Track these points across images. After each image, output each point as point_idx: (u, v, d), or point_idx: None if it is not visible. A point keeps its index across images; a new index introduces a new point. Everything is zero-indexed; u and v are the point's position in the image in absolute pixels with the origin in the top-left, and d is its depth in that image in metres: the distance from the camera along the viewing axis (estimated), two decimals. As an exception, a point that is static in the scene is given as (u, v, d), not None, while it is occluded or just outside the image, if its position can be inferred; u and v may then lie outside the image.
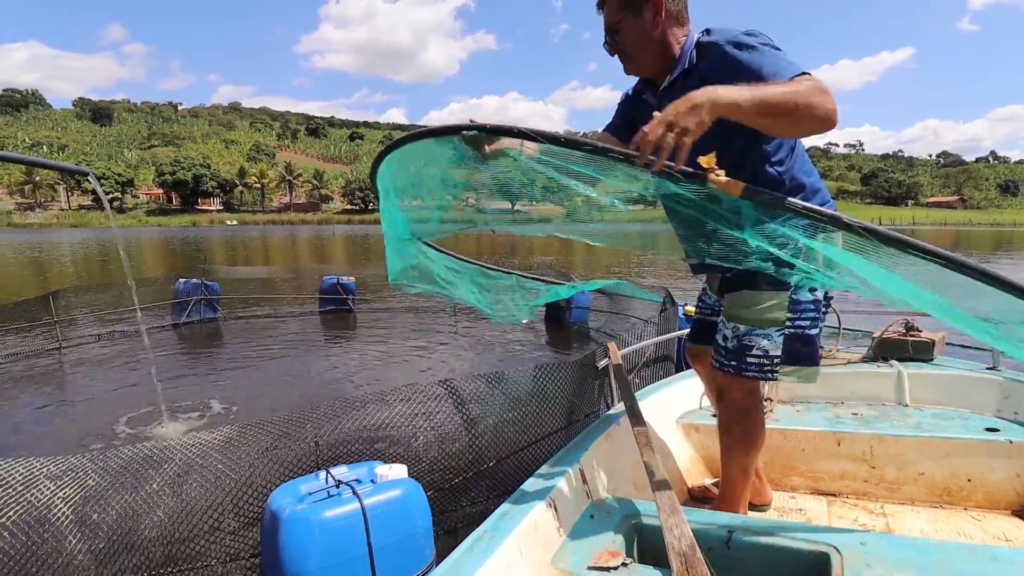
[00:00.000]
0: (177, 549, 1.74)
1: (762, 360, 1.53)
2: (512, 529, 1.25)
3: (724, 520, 1.35)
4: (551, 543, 1.34)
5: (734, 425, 1.64)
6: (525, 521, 1.29)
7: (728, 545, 1.28)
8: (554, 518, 1.38)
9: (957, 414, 2.22)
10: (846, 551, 1.17)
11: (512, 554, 1.20)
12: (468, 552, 1.17)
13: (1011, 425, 2.05)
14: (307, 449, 1.92)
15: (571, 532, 1.39)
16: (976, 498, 1.90)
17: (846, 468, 2.06)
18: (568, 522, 1.42)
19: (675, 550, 1.18)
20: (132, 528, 1.70)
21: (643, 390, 2.34)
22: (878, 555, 1.15)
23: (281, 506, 1.53)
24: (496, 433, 2.20)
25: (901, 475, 1.99)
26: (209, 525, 1.79)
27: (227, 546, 1.80)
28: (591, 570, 1.24)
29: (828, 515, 1.92)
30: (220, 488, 1.81)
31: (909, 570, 1.10)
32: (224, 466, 1.85)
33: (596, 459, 1.69)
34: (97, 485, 1.75)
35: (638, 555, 1.37)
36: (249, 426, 2.02)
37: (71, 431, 4.07)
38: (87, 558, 1.65)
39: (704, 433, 2.24)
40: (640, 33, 1.46)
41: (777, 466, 2.13)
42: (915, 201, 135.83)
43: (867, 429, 2.08)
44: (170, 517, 1.73)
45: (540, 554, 1.28)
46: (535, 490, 1.42)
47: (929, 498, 1.95)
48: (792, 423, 2.21)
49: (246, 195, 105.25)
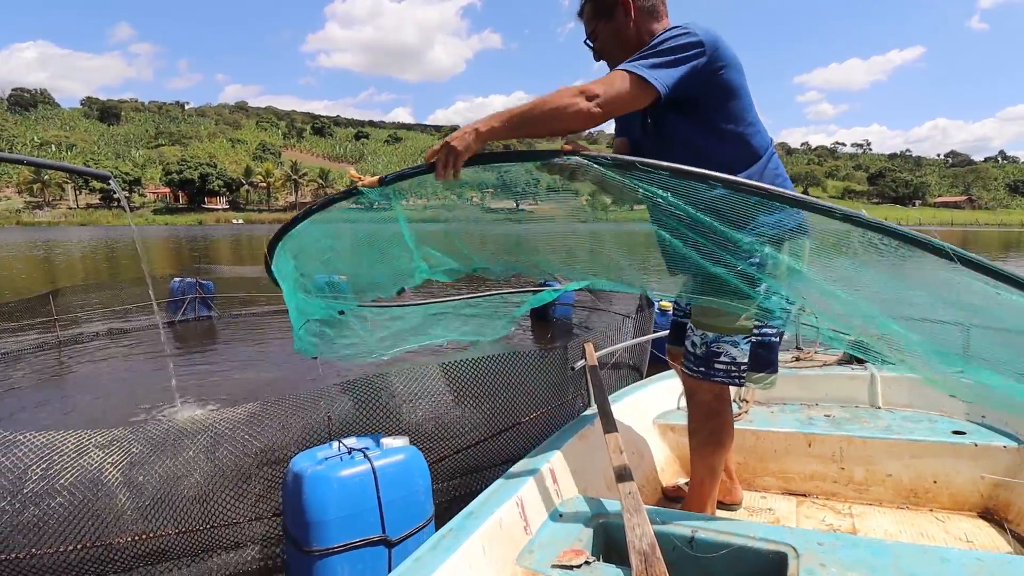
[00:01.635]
0: (211, 508, 2.00)
1: (730, 367, 1.55)
2: (476, 528, 1.26)
3: (689, 520, 1.37)
4: (516, 541, 1.35)
5: (702, 426, 1.66)
6: (491, 520, 1.30)
7: (691, 544, 1.29)
8: (520, 517, 1.39)
9: (926, 417, 2.25)
10: (804, 551, 1.19)
11: (475, 552, 1.21)
12: (431, 550, 1.18)
13: (978, 428, 2.08)
14: (321, 422, 2.17)
15: (538, 531, 1.40)
16: (941, 499, 1.94)
17: (816, 469, 2.10)
18: (535, 521, 1.43)
19: (636, 549, 1.19)
20: (172, 489, 1.96)
21: (622, 390, 2.38)
22: (834, 555, 1.17)
23: (302, 468, 1.77)
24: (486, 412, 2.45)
25: (869, 476, 2.03)
26: (238, 488, 2.05)
27: (253, 507, 2.06)
28: (555, 568, 1.25)
29: (796, 515, 1.95)
30: (247, 455, 2.07)
31: (862, 570, 1.12)
32: (250, 436, 2.10)
33: (567, 459, 1.70)
34: (140, 452, 2.01)
35: (603, 554, 1.38)
36: (270, 403, 2.28)
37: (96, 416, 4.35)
38: (134, 514, 1.91)
39: (680, 433, 2.26)
40: (615, 35, 1.50)
41: (749, 466, 2.18)
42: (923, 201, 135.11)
43: (838, 431, 2.11)
44: (205, 480, 1.99)
45: (504, 552, 1.29)
46: (503, 489, 1.43)
47: (896, 499, 1.98)
48: (765, 424, 2.25)
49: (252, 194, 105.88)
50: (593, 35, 1.53)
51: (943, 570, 1.10)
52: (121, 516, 1.89)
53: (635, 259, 1.55)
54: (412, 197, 1.66)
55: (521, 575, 1.27)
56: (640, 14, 1.48)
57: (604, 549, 1.39)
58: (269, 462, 2.07)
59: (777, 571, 1.19)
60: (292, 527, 1.77)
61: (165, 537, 1.94)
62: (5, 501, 1.80)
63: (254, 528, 2.07)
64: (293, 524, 1.76)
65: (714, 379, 1.56)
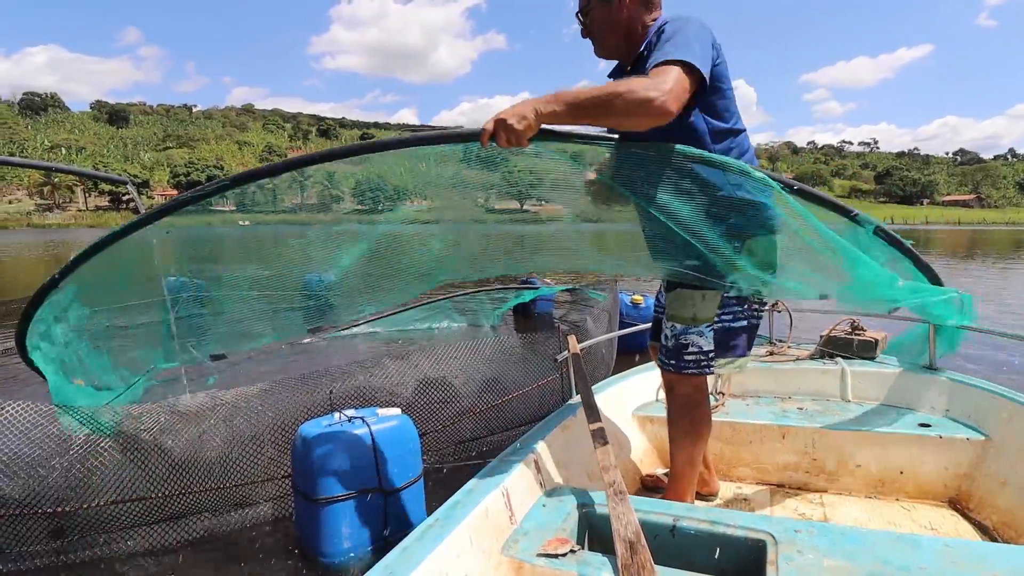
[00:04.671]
0: (231, 468, 2.29)
1: (698, 356, 1.60)
2: (463, 518, 1.27)
3: (670, 509, 1.39)
4: (502, 531, 1.36)
5: (681, 418, 1.70)
6: (477, 510, 1.32)
7: (673, 533, 1.32)
8: (506, 507, 1.41)
9: (894, 410, 2.31)
10: (782, 539, 1.23)
11: (462, 542, 1.23)
12: (418, 540, 1.19)
13: (943, 421, 2.15)
14: (324, 398, 2.46)
15: (523, 520, 1.42)
16: (908, 489, 2.02)
17: (789, 460, 2.17)
18: (520, 511, 1.45)
19: (621, 537, 1.22)
20: (197, 451, 2.26)
21: (602, 382, 2.43)
22: (810, 543, 1.21)
23: (310, 432, 2.06)
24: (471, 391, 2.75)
25: (840, 467, 2.10)
26: (253, 452, 2.34)
27: (266, 468, 2.36)
28: (540, 557, 1.26)
29: (771, 504, 2.03)
30: (260, 423, 2.37)
31: (838, 556, 1.16)
32: (263, 408, 2.40)
33: (551, 449, 1.74)
34: (167, 421, 2.31)
35: (588, 542, 1.42)
36: (279, 381, 2.59)
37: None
38: (165, 471, 2.20)
39: (658, 424, 2.31)
40: (606, 16, 1.49)
41: (726, 457, 2.25)
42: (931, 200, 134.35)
43: (810, 423, 2.18)
44: (225, 444, 2.29)
45: (490, 542, 1.31)
46: (488, 480, 1.46)
47: (865, 489, 2.06)
48: (741, 416, 2.30)
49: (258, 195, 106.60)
50: (585, 10, 1.53)
51: (914, 556, 1.15)
52: (153, 473, 2.19)
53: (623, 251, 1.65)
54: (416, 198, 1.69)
55: (507, 564, 1.29)
56: (635, 3, 1.48)
57: (588, 538, 1.43)
58: (279, 428, 2.37)
59: (756, 558, 1.23)
60: (301, 482, 2.06)
61: (191, 494, 2.24)
62: (56, 460, 2.11)
63: (267, 488, 2.36)
64: (302, 478, 2.05)
65: (685, 371, 1.62)
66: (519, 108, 1.24)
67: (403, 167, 1.55)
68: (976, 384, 2.18)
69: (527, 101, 1.24)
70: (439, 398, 2.72)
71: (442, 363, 2.85)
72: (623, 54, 1.54)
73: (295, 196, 1.71)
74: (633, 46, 1.50)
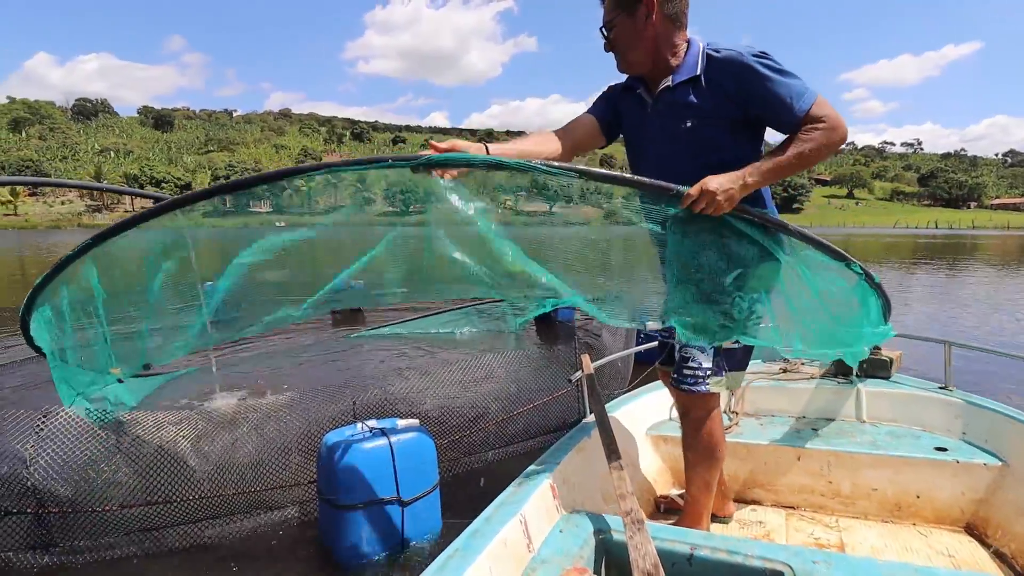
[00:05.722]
0: (262, 473, 2.45)
1: (696, 372, 1.62)
2: (483, 548, 1.28)
3: (687, 537, 1.38)
4: (521, 560, 1.36)
5: (696, 442, 1.70)
6: (496, 539, 1.32)
7: (690, 562, 1.31)
8: (524, 535, 1.41)
9: (910, 432, 2.29)
10: (800, 570, 1.22)
11: (482, 573, 1.23)
12: (440, 571, 1.20)
13: (960, 445, 2.13)
14: (348, 408, 2.60)
15: (540, 548, 1.42)
16: (924, 514, 1.99)
17: (804, 482, 2.14)
18: (538, 538, 1.44)
19: (639, 568, 1.21)
20: (231, 457, 2.42)
21: (614, 401, 2.42)
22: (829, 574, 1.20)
23: (334, 442, 2.19)
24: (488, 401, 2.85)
25: (855, 490, 2.08)
26: (281, 459, 2.49)
27: (293, 473, 2.51)
28: None
29: (786, 528, 2.00)
30: (288, 432, 2.52)
31: None
32: (291, 417, 2.55)
33: (566, 473, 1.73)
34: (204, 428, 2.48)
35: (605, 569, 1.42)
36: (306, 392, 2.74)
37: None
38: (202, 475, 2.37)
39: (672, 444, 2.30)
40: (632, 32, 1.47)
41: (740, 479, 2.23)
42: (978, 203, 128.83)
43: (825, 445, 2.16)
44: (256, 450, 2.44)
45: (510, 571, 1.31)
46: (505, 506, 1.46)
47: (881, 513, 2.04)
48: (755, 437, 2.29)
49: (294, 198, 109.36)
50: (609, 25, 1.51)
51: None
52: (191, 476, 2.35)
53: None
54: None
55: None
56: (662, 19, 1.46)
57: (606, 564, 1.42)
58: (306, 436, 2.51)
59: None
60: (325, 488, 2.19)
61: (225, 497, 2.40)
62: (103, 463, 2.29)
63: (294, 492, 2.51)
64: (326, 486, 2.18)
65: (682, 386, 1.64)
66: (728, 183, 1.33)
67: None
68: (992, 407, 2.17)
69: (733, 176, 1.34)
70: (456, 408, 2.84)
71: (460, 374, 2.97)
72: (648, 70, 1.54)
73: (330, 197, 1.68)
74: (660, 63, 1.50)
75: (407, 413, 2.61)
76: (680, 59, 1.49)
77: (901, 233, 65.74)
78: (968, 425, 2.21)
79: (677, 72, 1.48)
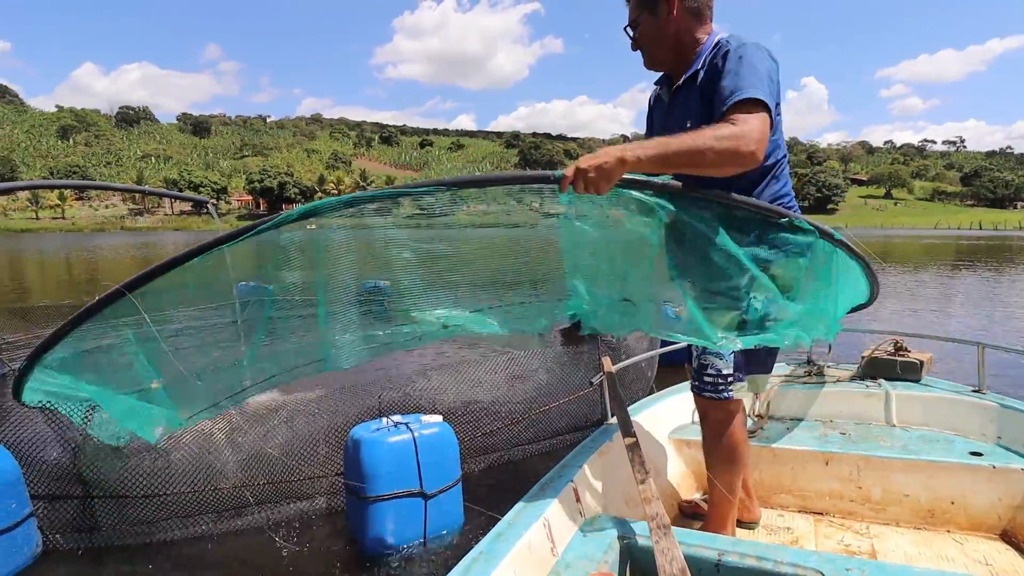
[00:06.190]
0: (292, 463, 2.54)
1: (715, 379, 1.59)
2: (507, 552, 1.27)
3: (714, 543, 1.36)
4: (544, 564, 1.35)
5: (717, 446, 1.68)
6: (520, 543, 1.31)
7: (718, 568, 1.28)
8: (547, 538, 1.40)
9: (942, 437, 2.24)
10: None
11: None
12: (464, 574, 1.20)
13: (995, 449, 2.08)
14: (374, 404, 2.68)
15: (564, 552, 1.41)
16: (959, 521, 1.93)
17: (833, 487, 2.09)
18: (561, 542, 1.43)
19: (667, 573, 1.19)
20: (262, 448, 2.52)
21: (637, 403, 2.41)
22: None
23: (360, 435, 2.27)
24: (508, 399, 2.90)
25: (886, 496, 2.02)
26: (309, 450, 2.58)
27: (320, 465, 2.59)
28: None
29: (815, 534, 1.95)
30: (316, 426, 2.61)
31: None
32: (319, 411, 2.64)
33: (589, 477, 1.72)
34: (238, 420, 2.59)
35: (629, 574, 1.40)
36: (335, 389, 2.83)
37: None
38: (235, 465, 2.48)
39: (695, 448, 2.22)
40: (655, 29, 1.48)
41: (766, 484, 2.18)
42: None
43: (854, 449, 2.12)
44: (287, 441, 2.54)
45: (534, 574, 1.31)
46: (529, 510, 1.45)
47: (913, 520, 1.97)
48: (781, 441, 2.25)
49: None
50: (634, 23, 1.52)
51: None
52: (225, 466, 2.46)
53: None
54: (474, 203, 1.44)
55: None
56: (683, 14, 1.46)
57: (630, 569, 1.41)
58: (333, 430, 2.60)
59: None
60: (351, 480, 2.27)
61: (257, 486, 2.50)
62: (145, 452, 2.41)
63: (322, 483, 2.60)
64: (352, 478, 2.26)
65: (704, 393, 1.62)
66: (600, 157, 1.20)
67: None
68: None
69: (610, 149, 1.22)
70: (478, 407, 2.89)
71: (483, 373, 3.02)
72: (673, 66, 1.54)
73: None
74: (684, 59, 1.49)
75: (430, 409, 2.68)
76: (696, 54, 1.47)
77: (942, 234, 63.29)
78: (1004, 429, 2.14)
79: (689, 68, 1.47)
